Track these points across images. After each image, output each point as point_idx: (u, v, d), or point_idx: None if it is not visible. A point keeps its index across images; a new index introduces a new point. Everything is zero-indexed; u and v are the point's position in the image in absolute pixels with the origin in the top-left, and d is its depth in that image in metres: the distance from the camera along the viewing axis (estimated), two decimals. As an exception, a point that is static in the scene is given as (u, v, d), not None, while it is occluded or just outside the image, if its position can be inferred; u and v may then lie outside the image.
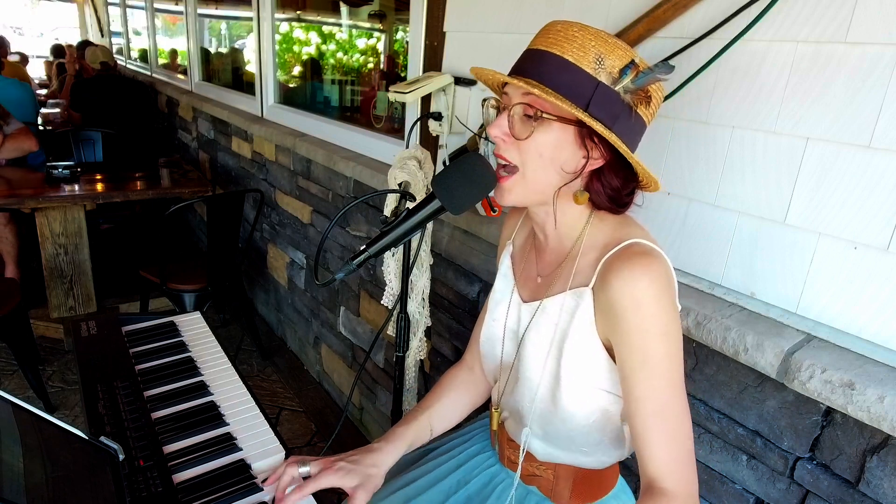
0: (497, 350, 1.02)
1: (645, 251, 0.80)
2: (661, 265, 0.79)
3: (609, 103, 0.77)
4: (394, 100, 1.65)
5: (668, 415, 0.78)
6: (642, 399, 0.79)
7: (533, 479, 1.01)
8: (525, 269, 1.00)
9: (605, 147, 0.80)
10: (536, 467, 0.99)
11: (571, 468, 0.96)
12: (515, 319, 0.98)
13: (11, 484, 0.66)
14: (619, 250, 0.82)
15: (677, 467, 0.78)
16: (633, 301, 0.77)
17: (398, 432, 1.01)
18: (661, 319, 0.77)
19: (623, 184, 0.83)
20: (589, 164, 0.81)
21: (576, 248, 0.89)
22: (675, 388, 0.79)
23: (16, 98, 4.16)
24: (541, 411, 0.93)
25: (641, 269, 0.77)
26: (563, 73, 0.76)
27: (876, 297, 0.93)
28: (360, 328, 2.41)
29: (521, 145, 0.81)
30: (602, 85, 0.76)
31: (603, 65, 0.76)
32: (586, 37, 0.77)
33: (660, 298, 0.77)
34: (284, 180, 2.88)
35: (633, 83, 0.77)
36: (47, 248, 2.98)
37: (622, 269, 0.78)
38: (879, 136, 0.90)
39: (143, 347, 1.23)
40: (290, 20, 4.26)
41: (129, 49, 6.66)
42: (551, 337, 0.89)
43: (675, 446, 0.79)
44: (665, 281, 0.79)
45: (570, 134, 0.79)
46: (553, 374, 0.89)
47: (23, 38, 11.81)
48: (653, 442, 0.78)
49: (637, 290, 0.77)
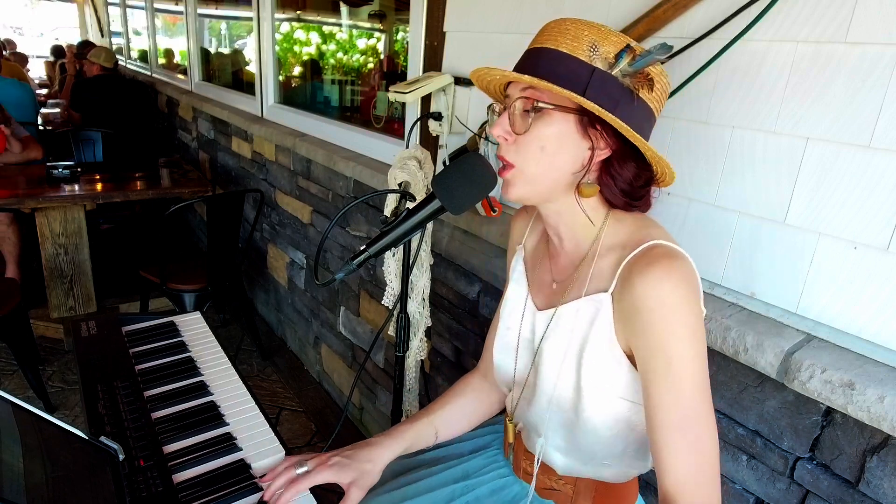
0: (511, 360, 1.00)
1: (669, 253, 0.77)
2: (686, 267, 0.76)
3: (607, 88, 0.75)
4: (394, 100, 1.65)
5: (691, 424, 0.74)
6: (664, 407, 0.75)
7: (551, 494, 0.98)
8: (539, 275, 0.97)
9: (610, 136, 0.78)
10: (556, 481, 0.96)
11: (592, 482, 0.94)
12: (530, 328, 0.95)
13: (11, 484, 0.66)
14: (641, 252, 0.78)
15: (698, 482, 0.74)
16: (658, 304, 0.74)
17: (399, 429, 1.00)
18: (687, 323, 0.74)
19: (635, 175, 0.80)
20: (596, 155, 0.79)
21: (592, 250, 0.86)
22: (700, 394, 0.75)
23: (15, 98, 4.16)
24: (561, 423, 0.90)
25: (666, 271, 0.74)
26: (559, 64, 0.76)
27: (876, 297, 0.93)
28: (360, 328, 2.41)
29: (520, 142, 0.80)
30: (598, 70, 0.75)
31: (598, 51, 0.75)
32: (579, 28, 0.77)
33: (686, 301, 0.74)
34: (284, 180, 2.88)
35: (630, 66, 0.75)
36: (47, 248, 2.98)
37: (646, 272, 0.75)
38: (879, 136, 0.90)
39: (143, 347, 1.23)
40: (290, 20, 4.25)
41: (129, 49, 6.67)
42: (568, 346, 0.86)
43: (698, 459, 0.74)
44: (691, 283, 0.76)
45: (571, 124, 0.78)
46: (573, 385, 0.86)
47: (23, 38, 11.80)
48: (673, 453, 0.74)
49: (662, 293, 0.74)
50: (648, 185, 0.83)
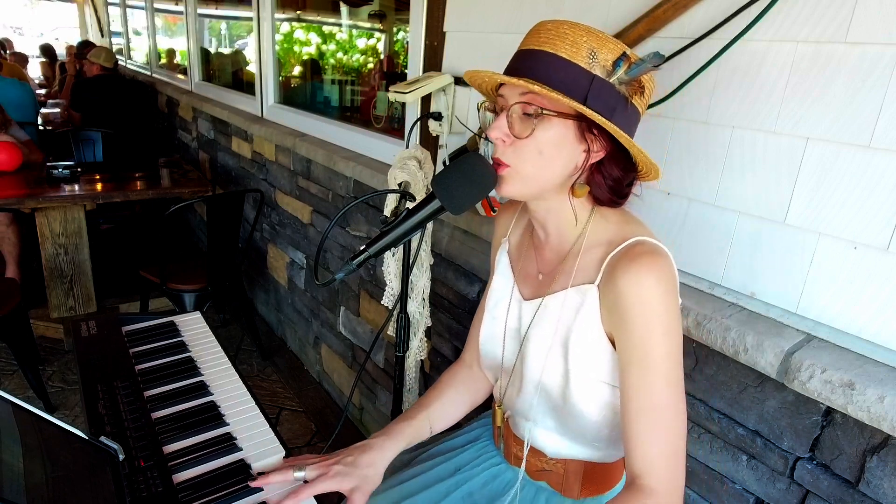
0: (498, 349, 1.02)
1: (651, 250, 0.81)
2: (666, 264, 0.81)
3: (606, 95, 0.78)
4: (394, 100, 1.65)
5: (660, 411, 0.79)
6: (637, 394, 0.80)
7: (542, 475, 1.01)
8: (524, 267, 1.00)
9: (604, 139, 0.81)
10: (546, 462, 0.99)
11: (581, 462, 0.97)
12: (516, 318, 0.98)
13: (11, 484, 0.66)
14: (625, 248, 0.83)
15: (663, 464, 0.79)
16: (639, 299, 0.79)
17: (397, 428, 1.01)
18: (665, 318, 0.79)
19: (623, 174, 0.84)
20: (590, 158, 0.82)
21: (578, 244, 0.89)
22: (672, 386, 0.80)
23: (16, 98, 4.16)
24: (550, 409, 0.93)
25: (648, 268, 0.79)
26: (559, 70, 0.77)
27: (876, 297, 0.93)
28: (360, 328, 2.41)
29: (518, 145, 0.82)
30: (598, 78, 0.78)
31: (596, 58, 0.77)
32: (577, 33, 0.78)
33: (665, 297, 0.79)
34: (284, 180, 2.88)
35: (626, 74, 0.78)
36: (47, 248, 2.98)
37: (629, 268, 0.80)
38: (879, 136, 0.90)
39: (143, 347, 1.23)
40: (290, 20, 4.26)
41: (129, 49, 6.67)
42: (555, 334, 0.90)
43: (665, 443, 0.79)
44: (670, 280, 0.81)
45: (570, 129, 0.80)
46: (561, 371, 0.89)
47: (23, 38, 11.80)
48: (642, 437, 0.79)
49: (643, 289, 0.78)
50: (633, 183, 0.87)
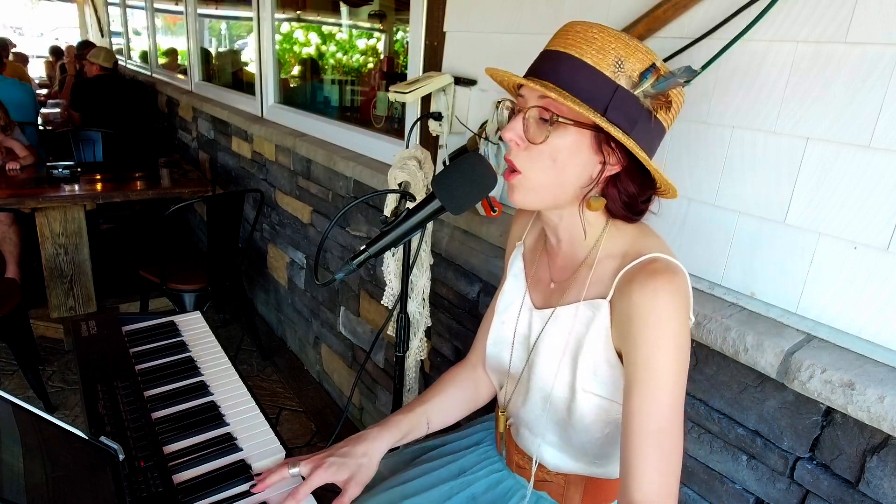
0: (506, 355, 1.00)
1: (668, 267, 0.78)
2: (682, 282, 0.78)
3: (628, 108, 0.75)
4: (394, 100, 1.65)
5: (665, 435, 0.75)
6: (643, 414, 0.75)
7: (543, 485, 1.00)
8: (537, 272, 0.98)
9: (622, 152, 0.78)
10: (547, 473, 0.98)
11: (583, 476, 0.96)
12: (527, 325, 0.96)
13: (11, 484, 0.66)
14: (640, 264, 0.80)
15: (662, 492, 0.74)
16: (653, 317, 0.76)
17: (394, 420, 1.00)
18: (676, 337, 0.76)
19: (640, 190, 0.82)
20: (606, 171, 0.79)
21: (591, 256, 0.87)
22: (675, 407, 0.76)
23: (16, 98, 4.16)
24: (554, 422, 0.91)
25: (663, 285, 0.76)
26: (582, 76, 0.75)
27: (876, 297, 0.93)
28: (360, 328, 2.41)
29: (531, 150, 0.79)
30: (621, 89, 0.74)
31: (622, 68, 0.74)
32: (606, 38, 0.75)
33: (678, 316, 0.76)
34: (284, 180, 2.88)
35: (653, 87, 0.75)
36: (47, 248, 2.98)
37: (646, 284, 0.77)
38: (879, 136, 0.90)
39: (143, 347, 1.23)
40: (290, 20, 4.25)
41: (129, 49, 6.66)
42: (565, 346, 0.88)
43: (667, 472, 0.74)
44: (684, 298, 0.78)
45: (586, 138, 0.77)
46: (568, 384, 0.87)
47: (23, 38, 11.80)
48: (645, 462, 0.74)
49: (657, 307, 0.75)
50: (650, 200, 0.85)
